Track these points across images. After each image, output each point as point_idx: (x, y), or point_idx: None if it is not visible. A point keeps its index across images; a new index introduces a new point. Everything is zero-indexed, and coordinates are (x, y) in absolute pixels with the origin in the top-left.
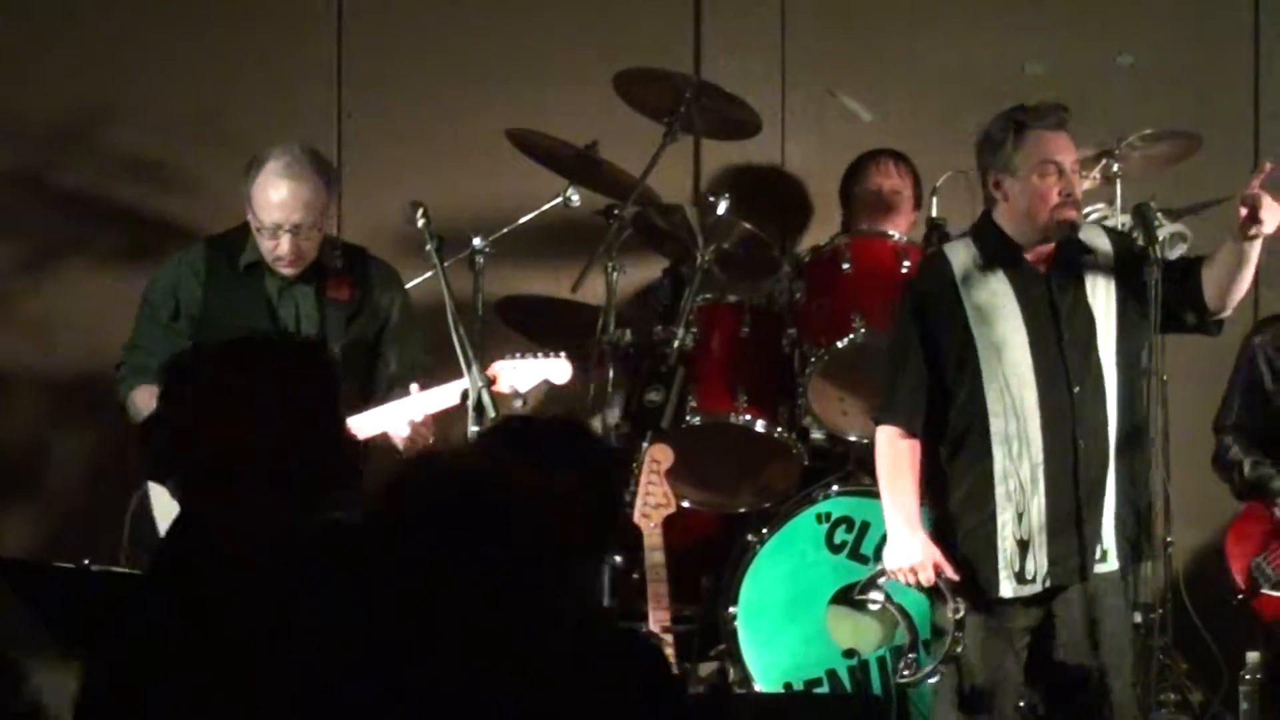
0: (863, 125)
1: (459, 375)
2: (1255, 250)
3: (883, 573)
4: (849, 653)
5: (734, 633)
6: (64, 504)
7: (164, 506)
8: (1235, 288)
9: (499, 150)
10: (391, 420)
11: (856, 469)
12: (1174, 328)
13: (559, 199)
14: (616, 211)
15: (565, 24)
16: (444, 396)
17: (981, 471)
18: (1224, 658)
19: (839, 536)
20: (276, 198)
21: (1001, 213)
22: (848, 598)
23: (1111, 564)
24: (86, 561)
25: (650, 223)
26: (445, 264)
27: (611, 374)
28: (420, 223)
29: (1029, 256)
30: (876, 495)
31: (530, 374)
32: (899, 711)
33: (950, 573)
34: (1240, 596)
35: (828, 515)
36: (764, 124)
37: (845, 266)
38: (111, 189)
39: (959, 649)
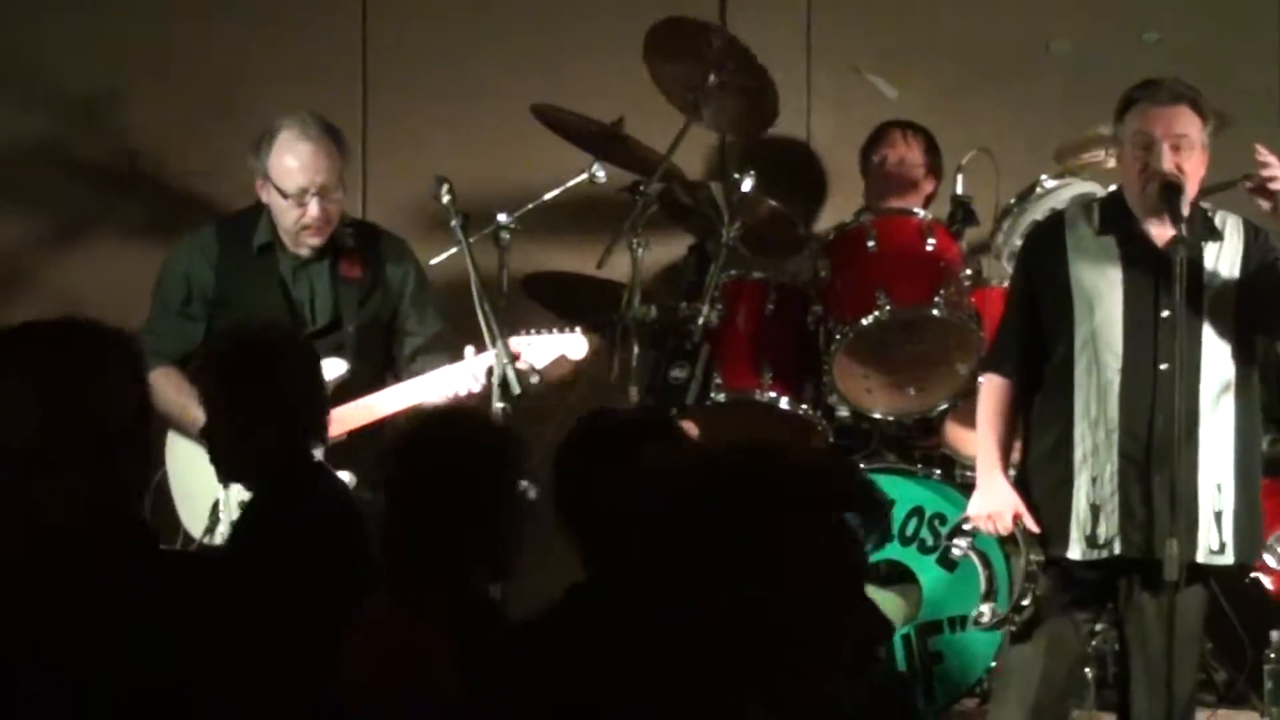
0: (887, 102)
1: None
2: None
3: (967, 519)
4: None
5: None
6: None
7: (185, 491)
8: None
9: (524, 126)
10: (456, 382)
11: (881, 446)
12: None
13: (584, 175)
14: (642, 188)
15: (594, 2)
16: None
17: (1063, 430)
18: (1248, 636)
19: None
20: (298, 162)
21: (1123, 184)
22: (872, 575)
23: (1228, 557)
24: None
25: (676, 199)
26: (470, 240)
27: (636, 350)
28: (445, 199)
29: (1150, 230)
30: (900, 473)
31: (546, 350)
32: (924, 689)
33: (1030, 523)
34: (1252, 575)
35: None
36: (788, 101)
37: (870, 244)
38: (137, 164)
39: (1028, 600)
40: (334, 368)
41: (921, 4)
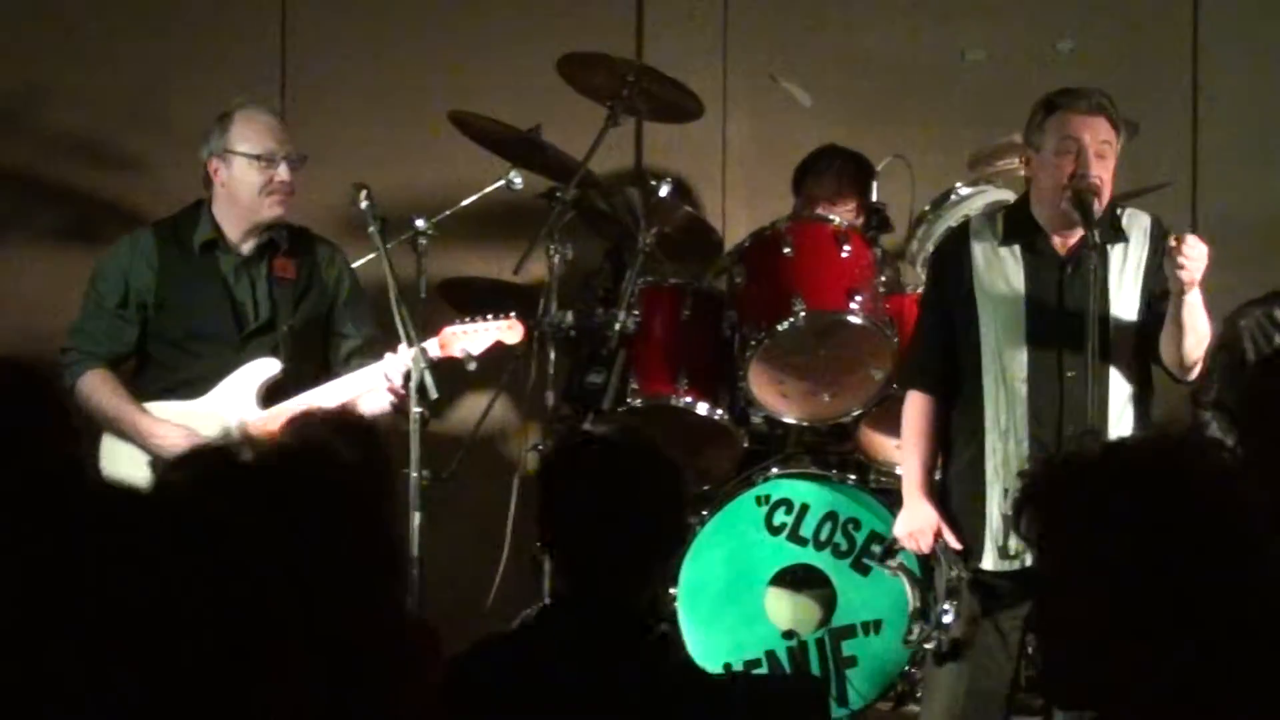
0: (803, 109)
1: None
2: (1188, 307)
3: (896, 539)
4: (788, 634)
5: (674, 613)
6: None
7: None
8: (1180, 347)
9: (442, 132)
10: (365, 387)
11: (796, 451)
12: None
13: (502, 182)
14: (559, 194)
15: (508, 6)
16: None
17: (977, 442)
18: None
19: (778, 519)
20: (269, 125)
21: (1032, 192)
22: (786, 579)
23: None
24: None
25: (592, 205)
26: (388, 245)
27: (553, 356)
28: (364, 204)
29: (1053, 238)
30: (815, 478)
31: (482, 338)
32: (837, 691)
33: (952, 539)
34: None
35: (767, 498)
36: (705, 107)
37: (786, 250)
38: (49, 169)
39: (949, 616)
40: (267, 367)
41: (837, 13)
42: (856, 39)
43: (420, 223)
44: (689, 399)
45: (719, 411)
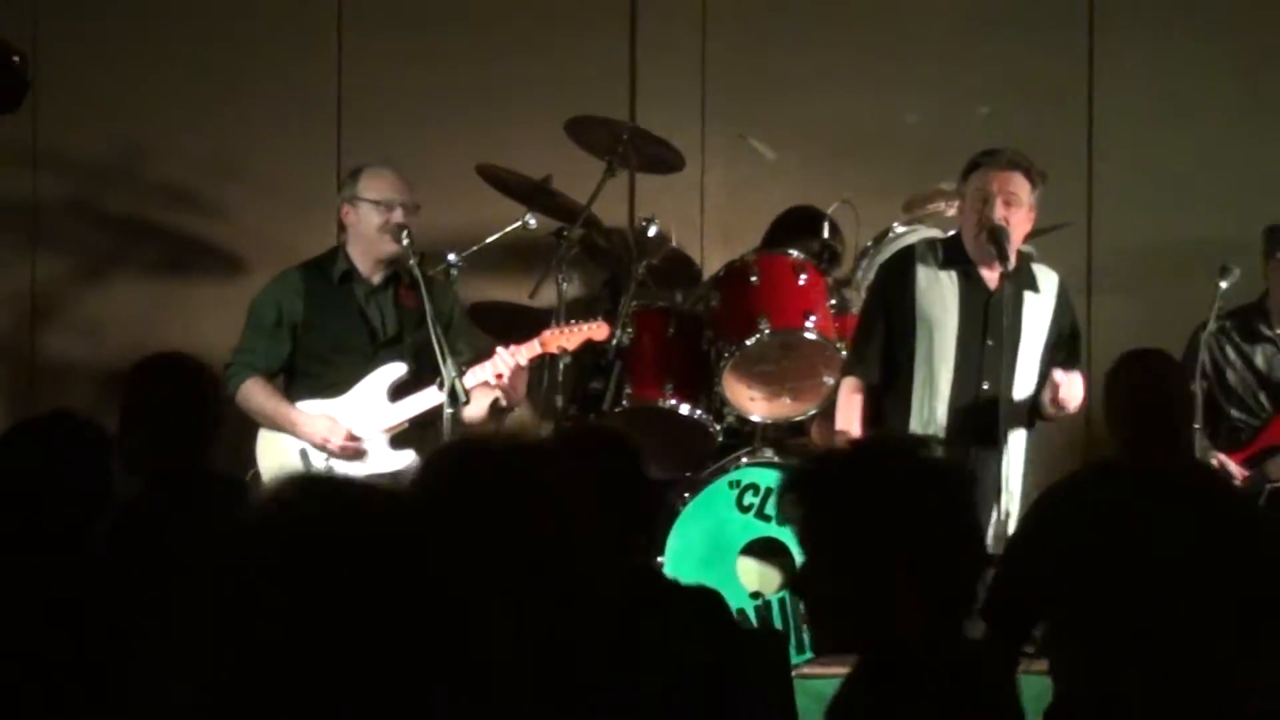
0: (767, 163)
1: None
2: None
3: None
4: (755, 594)
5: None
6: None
7: (272, 473)
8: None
9: (470, 182)
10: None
11: (761, 444)
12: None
13: (519, 223)
14: (566, 233)
15: (524, 78)
16: (519, 356)
17: (901, 429)
18: None
19: (747, 500)
20: (389, 179)
21: (961, 232)
22: (754, 550)
23: None
24: None
25: (594, 242)
26: (426, 275)
27: (562, 367)
28: (405, 242)
29: (982, 271)
30: (778, 466)
31: (576, 336)
32: (797, 641)
33: None
34: None
35: (738, 482)
36: (686, 161)
37: (753, 279)
38: (149, 215)
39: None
40: (395, 370)
41: (796, 83)
42: (812, 104)
43: (452, 256)
44: (673, 402)
45: (698, 412)
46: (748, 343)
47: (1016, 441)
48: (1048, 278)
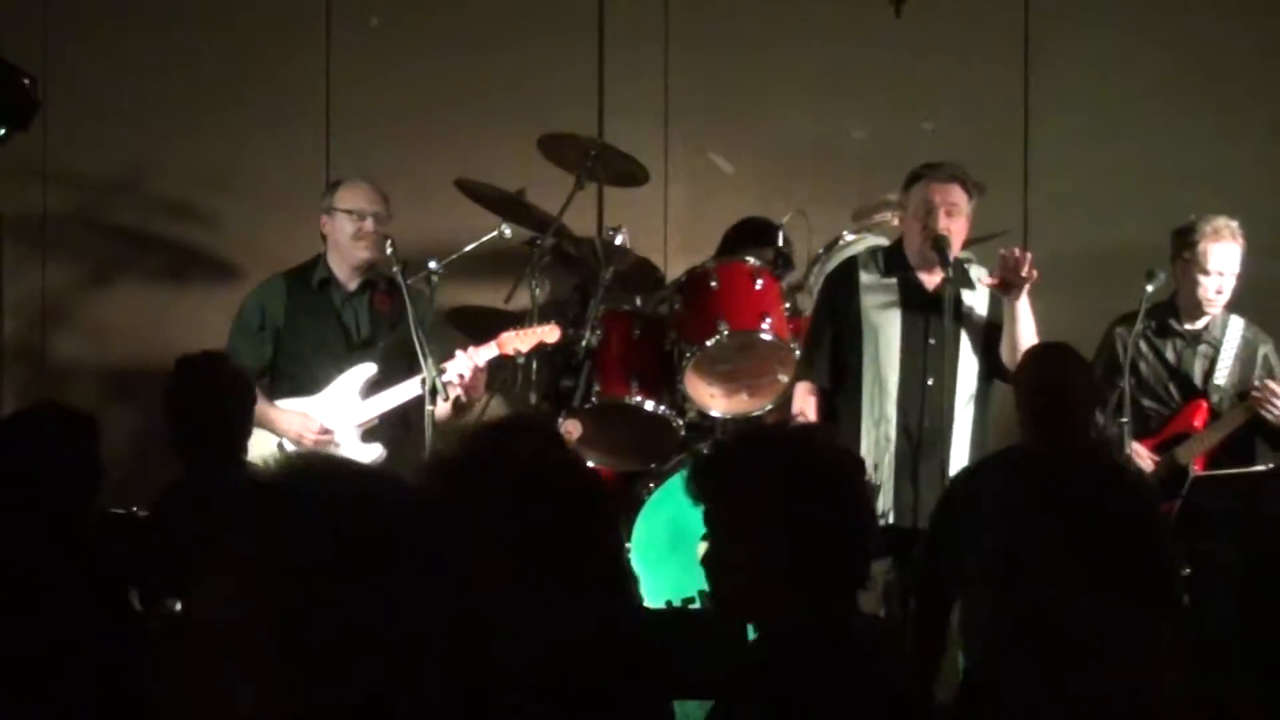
0: (725, 176)
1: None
2: (1020, 313)
3: None
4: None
5: (629, 562)
6: (114, 474)
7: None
8: (1014, 347)
9: (450, 194)
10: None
11: (720, 437)
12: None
13: (495, 233)
14: (539, 242)
15: (500, 97)
16: (477, 358)
17: (853, 427)
18: None
19: None
20: (362, 191)
21: (904, 240)
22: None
23: None
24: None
25: (564, 250)
26: (408, 281)
27: (535, 366)
28: (390, 251)
29: (922, 276)
30: None
31: (529, 339)
32: None
33: None
34: None
35: None
36: (651, 175)
37: (713, 284)
38: (150, 225)
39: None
40: (366, 370)
41: (754, 101)
42: (768, 121)
43: (433, 264)
44: (639, 398)
45: (662, 408)
46: (708, 343)
47: (962, 429)
48: (980, 272)
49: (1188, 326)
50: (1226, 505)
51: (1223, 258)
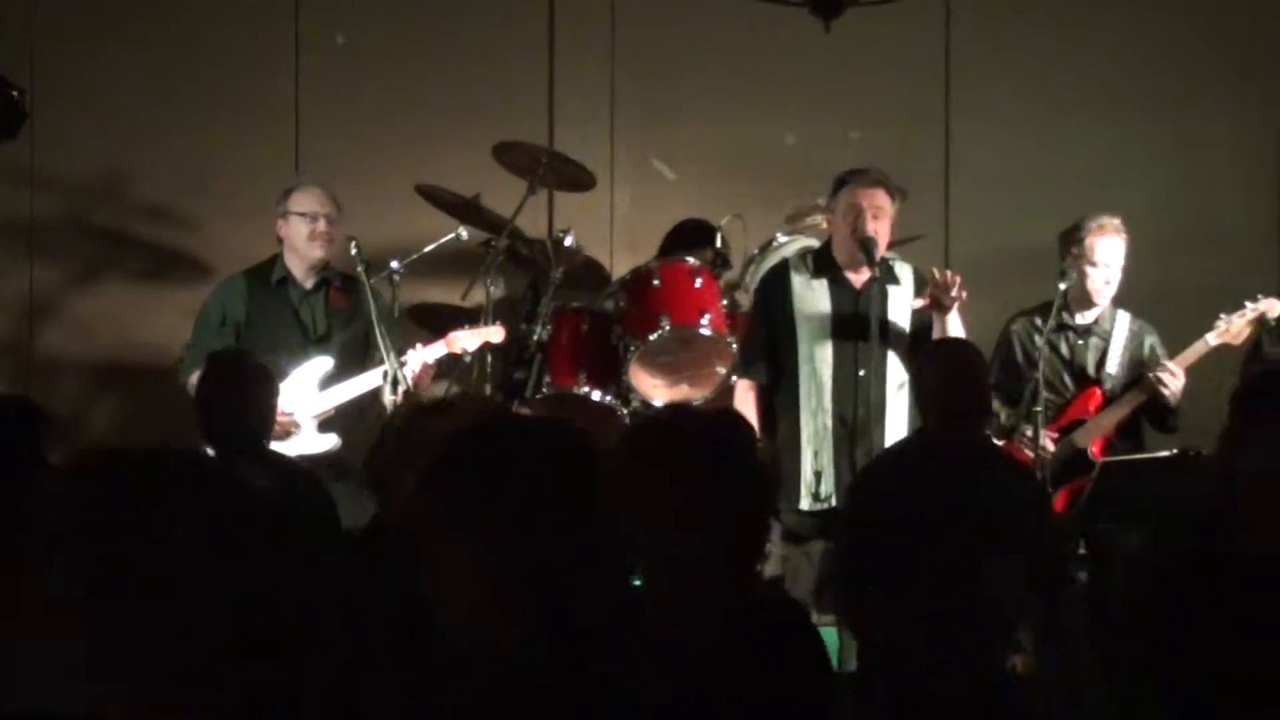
0: (667, 182)
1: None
2: (950, 321)
3: None
4: None
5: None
6: None
7: None
8: None
9: (410, 199)
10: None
11: None
12: None
13: (452, 235)
14: (493, 243)
15: (457, 107)
16: (426, 355)
17: (793, 419)
18: None
19: None
20: (313, 194)
21: (832, 241)
22: None
23: None
24: None
25: (517, 251)
26: (371, 280)
27: (489, 358)
28: (354, 251)
29: (849, 274)
30: None
31: (475, 339)
32: None
33: None
34: None
35: None
36: (597, 180)
37: (656, 282)
38: (130, 228)
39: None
40: (322, 364)
41: (693, 111)
42: (707, 129)
43: (395, 264)
44: (587, 389)
45: (608, 398)
46: (651, 337)
47: (894, 415)
48: (904, 269)
49: (1079, 321)
50: (1132, 491)
51: (1108, 250)
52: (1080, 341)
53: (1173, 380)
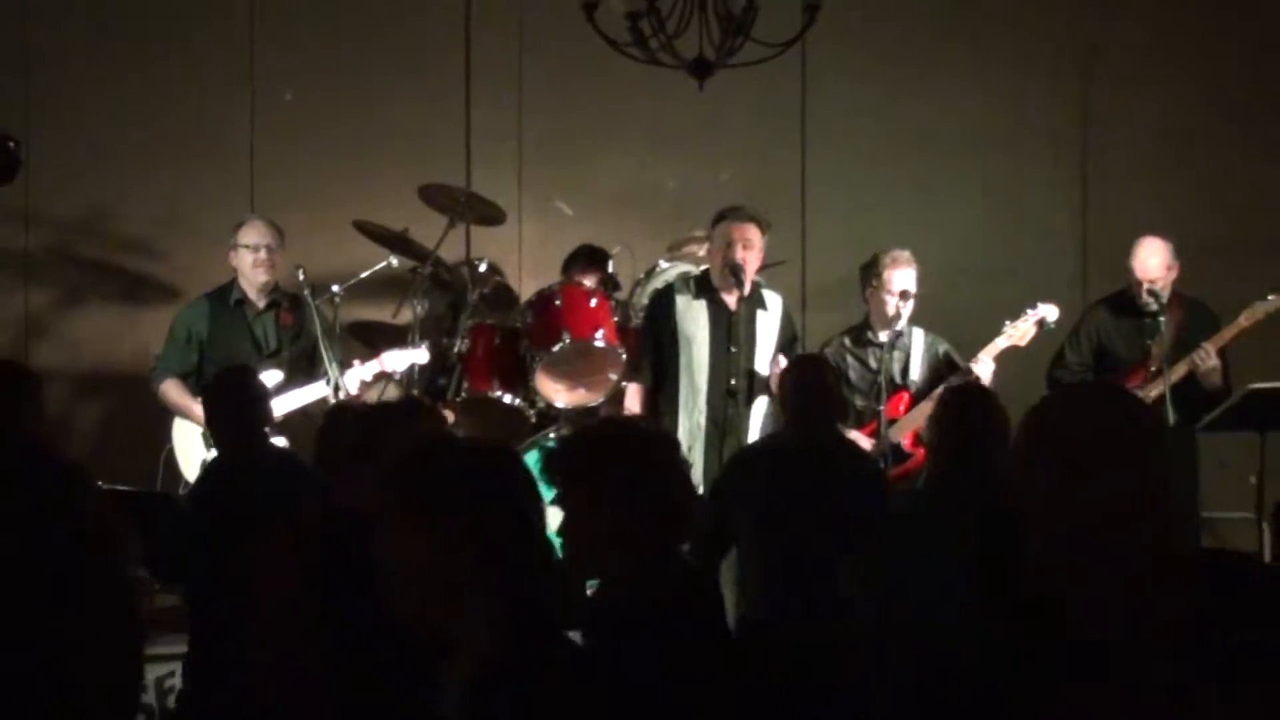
0: (567, 218)
1: (349, 366)
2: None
3: None
4: (559, 533)
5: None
6: (85, 460)
7: (185, 455)
8: None
9: (349, 233)
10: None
11: (563, 424)
12: None
13: (385, 263)
14: (419, 270)
15: (389, 154)
16: (363, 373)
17: (672, 418)
18: None
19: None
20: (256, 228)
21: (709, 268)
22: (559, 500)
23: None
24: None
25: (440, 277)
26: (316, 301)
27: (417, 368)
28: (301, 277)
29: (724, 296)
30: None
31: (403, 359)
32: None
33: None
34: None
35: (548, 450)
36: (507, 216)
37: (557, 302)
38: (112, 258)
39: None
40: (273, 377)
41: (585, 155)
42: (600, 170)
43: (336, 288)
44: (499, 393)
45: (517, 400)
46: (554, 349)
47: (757, 413)
48: (773, 299)
49: (882, 338)
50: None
51: (903, 279)
52: (885, 356)
53: (984, 369)
